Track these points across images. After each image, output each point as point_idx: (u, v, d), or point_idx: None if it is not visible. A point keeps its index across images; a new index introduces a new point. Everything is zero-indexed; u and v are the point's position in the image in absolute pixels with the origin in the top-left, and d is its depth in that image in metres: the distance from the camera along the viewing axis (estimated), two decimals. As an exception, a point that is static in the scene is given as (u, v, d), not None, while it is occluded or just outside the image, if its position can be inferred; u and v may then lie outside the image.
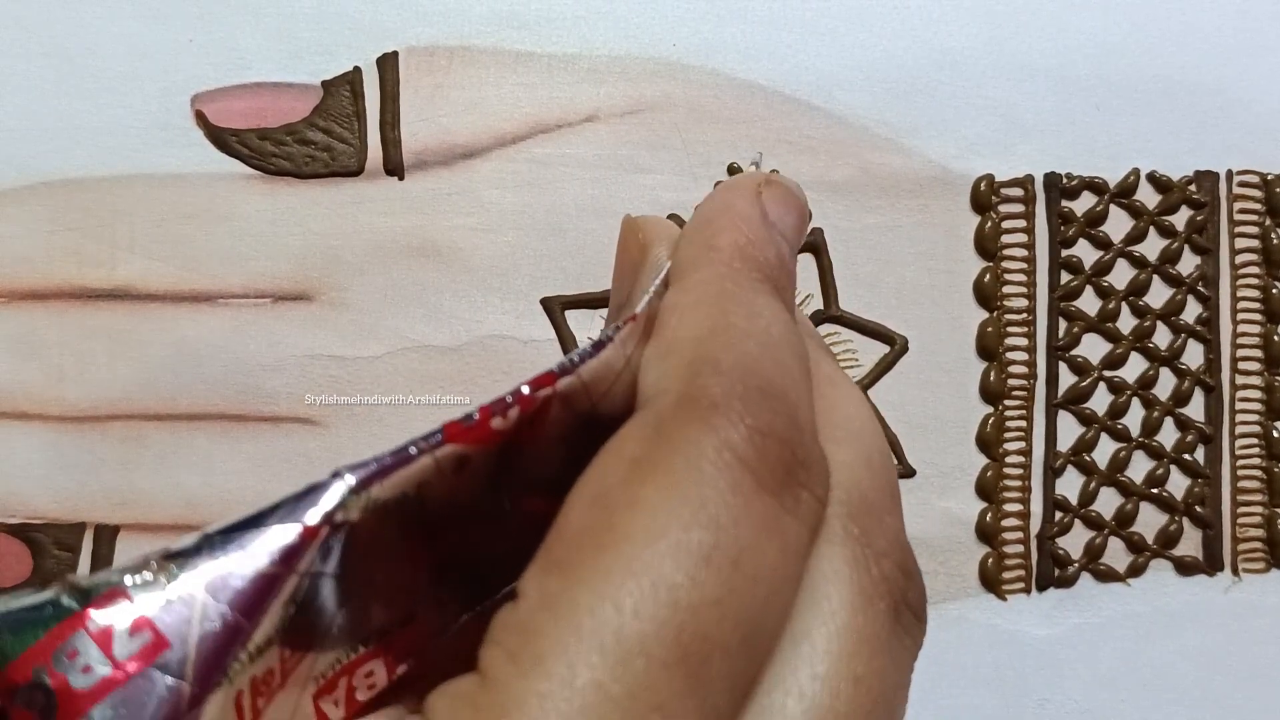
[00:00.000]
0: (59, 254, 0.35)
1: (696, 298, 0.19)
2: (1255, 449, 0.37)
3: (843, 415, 0.20)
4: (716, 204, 0.22)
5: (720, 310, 0.19)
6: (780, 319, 0.19)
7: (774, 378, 0.17)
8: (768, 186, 0.22)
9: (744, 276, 0.20)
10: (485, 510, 0.17)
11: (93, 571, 0.35)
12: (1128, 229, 0.37)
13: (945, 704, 0.35)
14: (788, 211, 0.23)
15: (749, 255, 0.20)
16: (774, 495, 0.16)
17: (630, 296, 0.22)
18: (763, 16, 0.36)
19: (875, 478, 0.19)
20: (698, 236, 0.21)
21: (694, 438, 0.16)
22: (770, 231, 0.21)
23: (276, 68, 0.36)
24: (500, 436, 0.16)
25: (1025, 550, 0.36)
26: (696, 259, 0.20)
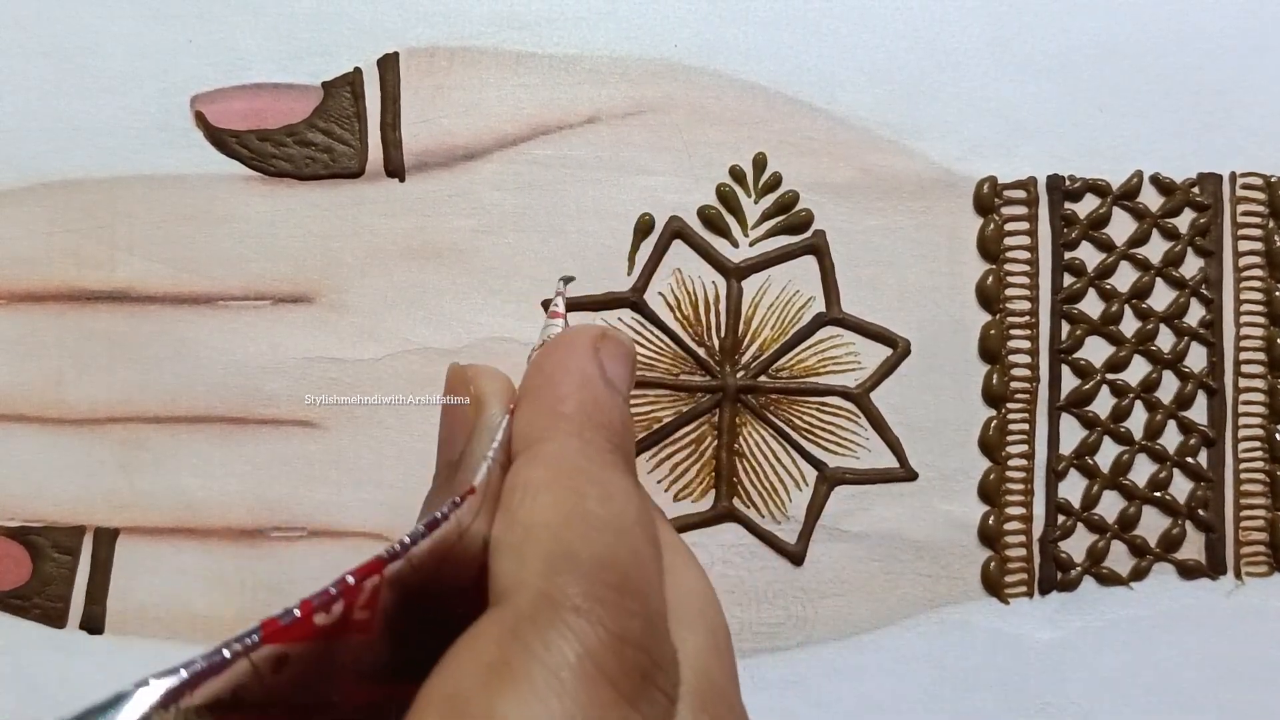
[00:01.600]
0: (58, 255, 0.35)
1: (549, 475, 0.19)
2: (1258, 452, 0.36)
3: (686, 591, 0.20)
4: (555, 363, 0.22)
5: (575, 493, 0.18)
6: (632, 499, 0.19)
7: (630, 572, 0.17)
8: (603, 343, 0.22)
9: (594, 450, 0.19)
10: (309, 705, 0.16)
11: (92, 575, 0.35)
12: (1130, 231, 0.37)
13: (947, 707, 0.35)
14: (622, 365, 0.22)
15: (597, 423, 0.20)
16: (631, 705, 0.16)
17: (464, 457, 0.21)
18: (764, 17, 0.36)
19: (721, 661, 0.19)
20: (542, 401, 0.21)
21: (554, 644, 0.15)
22: (611, 393, 0.21)
23: (276, 68, 0.36)
24: (323, 632, 0.16)
25: (1027, 553, 0.36)
26: (544, 429, 0.20)
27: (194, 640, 0.35)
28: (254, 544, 0.35)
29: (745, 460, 0.36)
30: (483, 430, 0.21)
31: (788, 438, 0.36)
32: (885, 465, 0.36)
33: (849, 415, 0.36)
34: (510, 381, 0.23)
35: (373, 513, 0.35)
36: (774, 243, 0.36)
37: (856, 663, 0.35)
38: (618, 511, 0.18)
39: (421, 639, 0.17)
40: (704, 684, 0.18)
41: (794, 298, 0.36)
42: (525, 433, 0.20)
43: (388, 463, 0.35)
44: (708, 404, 0.36)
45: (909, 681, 0.35)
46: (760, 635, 0.35)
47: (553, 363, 0.22)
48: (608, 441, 0.20)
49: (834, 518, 0.36)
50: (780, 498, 0.36)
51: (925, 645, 0.35)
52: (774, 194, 0.36)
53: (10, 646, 0.35)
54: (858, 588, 0.35)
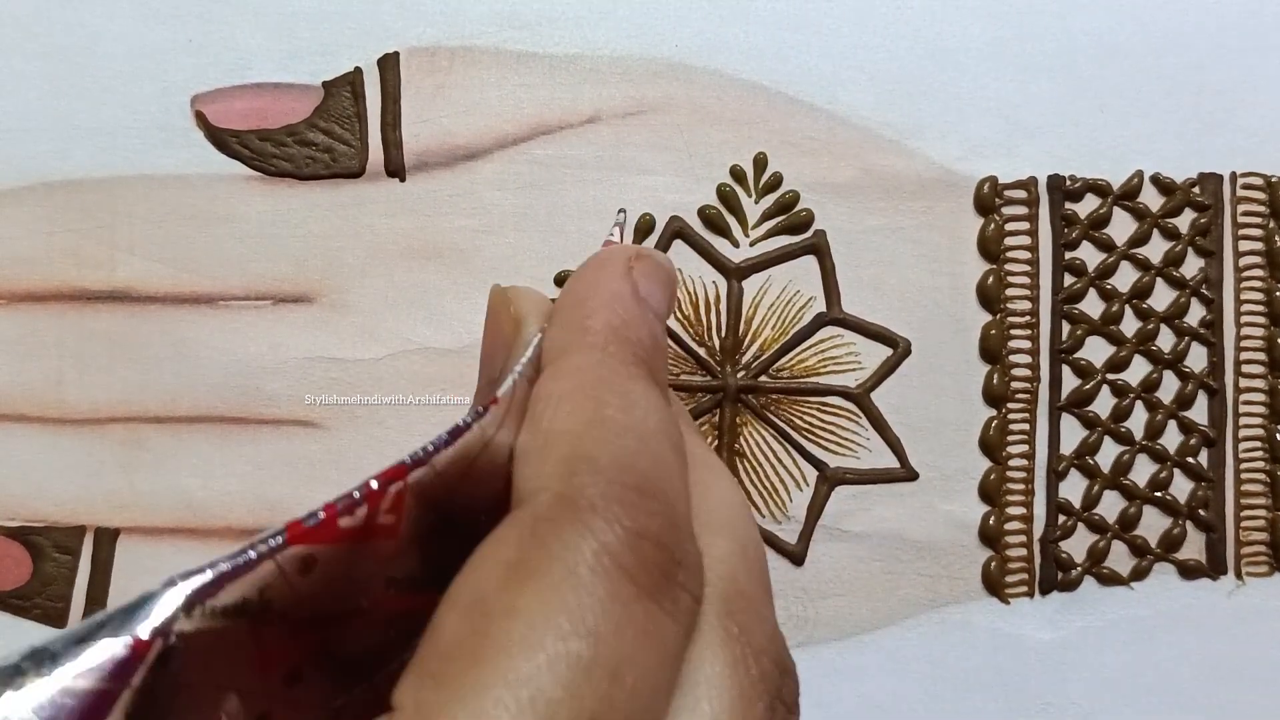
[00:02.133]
0: (58, 255, 0.35)
1: (571, 386, 0.19)
2: (1259, 452, 0.36)
3: (716, 501, 0.19)
4: (587, 281, 0.22)
5: (596, 401, 0.18)
6: (656, 408, 0.19)
7: (651, 474, 0.17)
8: (638, 261, 0.22)
9: (619, 362, 0.19)
10: (338, 610, 0.16)
11: (93, 575, 0.35)
12: (1131, 231, 0.36)
13: (948, 707, 0.35)
14: (658, 286, 0.22)
15: (623, 337, 0.20)
16: (652, 599, 0.16)
17: (502, 374, 0.21)
18: (765, 17, 0.36)
19: (750, 569, 0.19)
20: (570, 317, 0.21)
21: (571, 542, 0.15)
22: (642, 310, 0.21)
23: (277, 68, 0.36)
24: (349, 535, 0.16)
25: (1028, 554, 0.36)
26: (569, 342, 0.20)
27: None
28: (254, 544, 0.35)
29: (746, 460, 0.36)
30: (520, 347, 0.21)
31: (788, 438, 0.36)
32: (886, 465, 0.36)
33: (850, 415, 0.36)
34: (549, 301, 0.23)
35: (373, 513, 0.35)
36: (774, 243, 0.36)
37: (857, 663, 0.35)
38: (639, 418, 0.18)
39: (449, 548, 0.17)
40: (731, 589, 0.18)
41: (794, 298, 0.36)
42: (552, 347, 0.20)
43: (388, 462, 0.35)
44: (708, 404, 0.36)
45: (909, 681, 0.35)
46: (761, 635, 0.35)
47: (584, 281, 0.22)
48: (633, 354, 0.20)
49: (834, 518, 0.36)
50: (781, 497, 0.36)
51: (926, 645, 0.35)
52: (774, 194, 0.36)
53: (10, 647, 0.35)
54: (858, 588, 0.35)
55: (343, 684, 0.17)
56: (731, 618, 0.17)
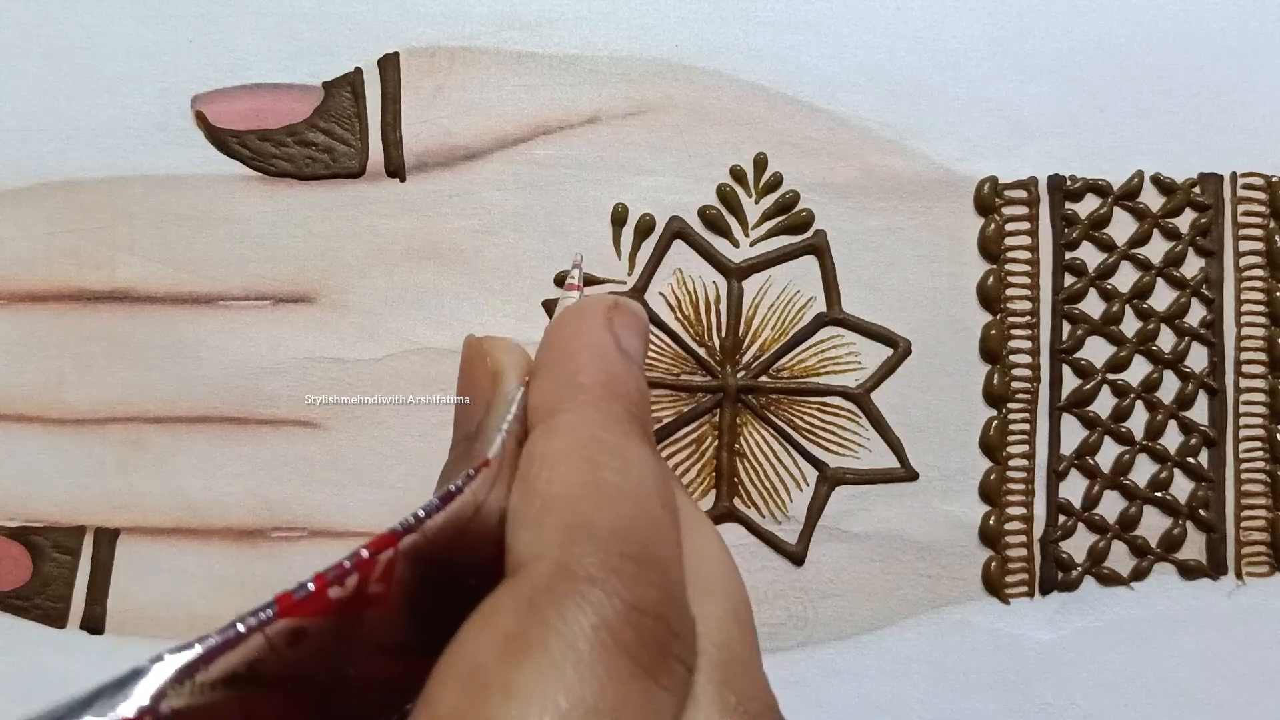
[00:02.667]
0: (58, 256, 0.35)
1: (565, 445, 0.18)
2: (1259, 452, 0.36)
3: (707, 562, 0.19)
4: (570, 334, 0.21)
5: (592, 463, 0.18)
6: (651, 468, 0.19)
7: (647, 541, 0.17)
8: (616, 313, 0.22)
9: (612, 420, 0.19)
10: (326, 678, 0.16)
11: (92, 575, 0.35)
12: (1131, 231, 0.36)
13: (947, 708, 0.35)
14: (636, 337, 0.22)
15: (614, 392, 0.20)
16: (649, 676, 0.16)
17: (480, 430, 0.21)
18: (765, 18, 0.36)
19: (743, 631, 0.19)
20: (558, 372, 0.20)
21: (570, 616, 0.15)
22: (628, 363, 0.21)
23: (277, 68, 0.36)
24: (338, 606, 0.16)
25: (1028, 554, 0.36)
26: (560, 399, 0.20)
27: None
28: (254, 544, 0.35)
29: (746, 460, 0.36)
30: (500, 402, 0.21)
31: (788, 438, 0.36)
32: (886, 465, 0.36)
33: (850, 415, 0.36)
34: (527, 353, 0.23)
35: (373, 513, 0.35)
36: (775, 243, 0.36)
37: (857, 663, 0.35)
38: (636, 481, 0.18)
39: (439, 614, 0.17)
40: (724, 655, 0.18)
41: (795, 298, 0.36)
42: (541, 404, 0.20)
43: (388, 463, 0.35)
44: (708, 404, 0.36)
45: (909, 682, 0.35)
46: (760, 635, 0.35)
47: (567, 334, 0.22)
48: (625, 411, 0.20)
49: (835, 518, 0.36)
50: (781, 498, 0.36)
51: (926, 645, 0.35)
52: (775, 194, 0.36)
53: (10, 646, 0.35)
54: (858, 588, 0.35)
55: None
56: (729, 686, 0.17)
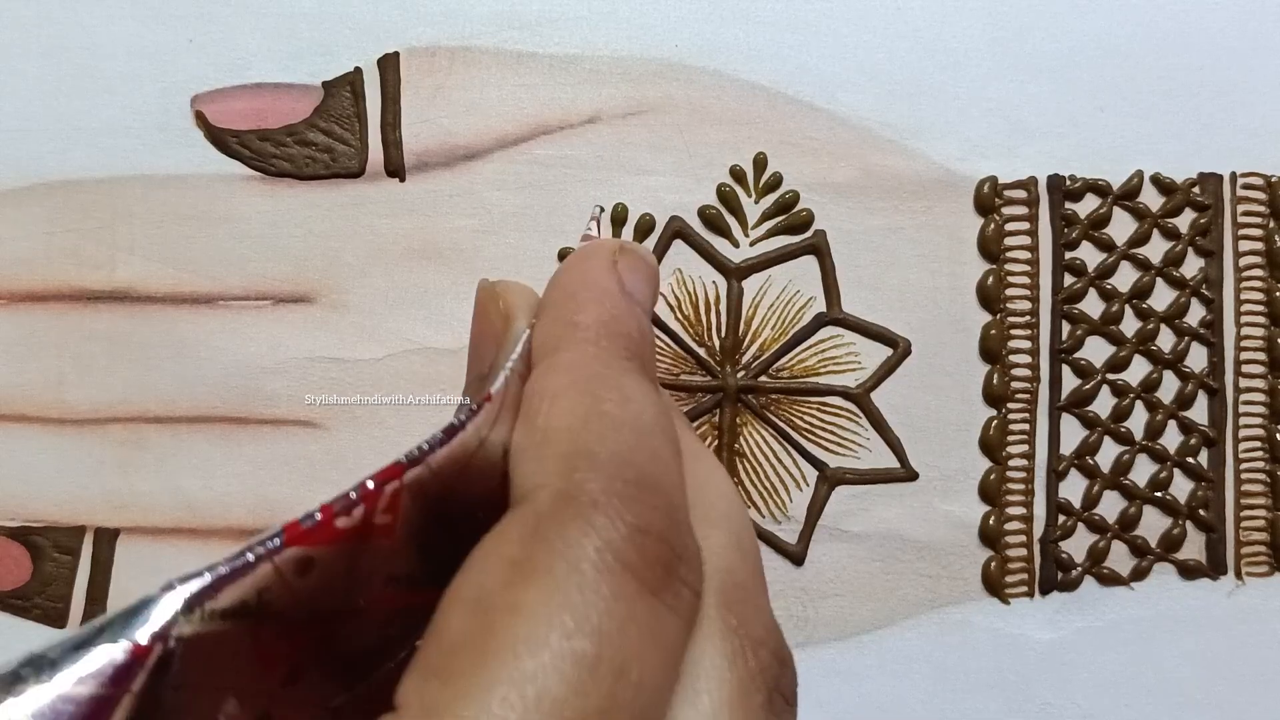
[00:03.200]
0: (58, 256, 0.35)
1: (566, 381, 0.19)
2: (1259, 452, 0.36)
3: (711, 494, 0.20)
4: (574, 276, 0.22)
5: (592, 396, 0.18)
6: (650, 401, 0.19)
7: (649, 468, 0.17)
8: (622, 255, 0.22)
9: (612, 356, 0.20)
10: (337, 609, 0.16)
11: (92, 575, 0.35)
12: (1131, 231, 0.36)
13: (947, 708, 0.35)
14: (643, 280, 0.22)
15: (614, 331, 0.20)
16: (655, 595, 0.16)
17: (493, 369, 0.21)
18: (765, 18, 0.36)
19: (746, 560, 0.19)
20: (560, 312, 0.21)
21: (574, 539, 0.15)
22: (630, 304, 0.21)
23: (277, 68, 0.36)
24: (346, 535, 0.16)
25: (1028, 554, 0.36)
26: (561, 337, 0.20)
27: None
28: (254, 544, 0.35)
29: (746, 460, 0.36)
30: (510, 342, 0.21)
31: (788, 438, 0.36)
32: (886, 465, 0.36)
33: (849, 415, 0.36)
34: (537, 296, 0.23)
35: (373, 513, 0.35)
36: (774, 243, 0.36)
37: (857, 663, 0.35)
38: (635, 413, 0.18)
39: (447, 547, 0.17)
40: (728, 581, 0.18)
41: (794, 298, 0.36)
42: (543, 343, 0.20)
43: (386, 461, 0.35)
44: (708, 404, 0.36)
45: (909, 682, 0.35)
46: (761, 635, 0.35)
47: (571, 275, 0.22)
48: (624, 349, 0.20)
49: (835, 518, 0.36)
50: (781, 498, 0.36)
51: (926, 645, 0.35)
52: (774, 194, 0.36)
53: (10, 647, 0.35)
54: (858, 588, 0.35)
55: (342, 682, 0.17)
56: (730, 610, 0.17)
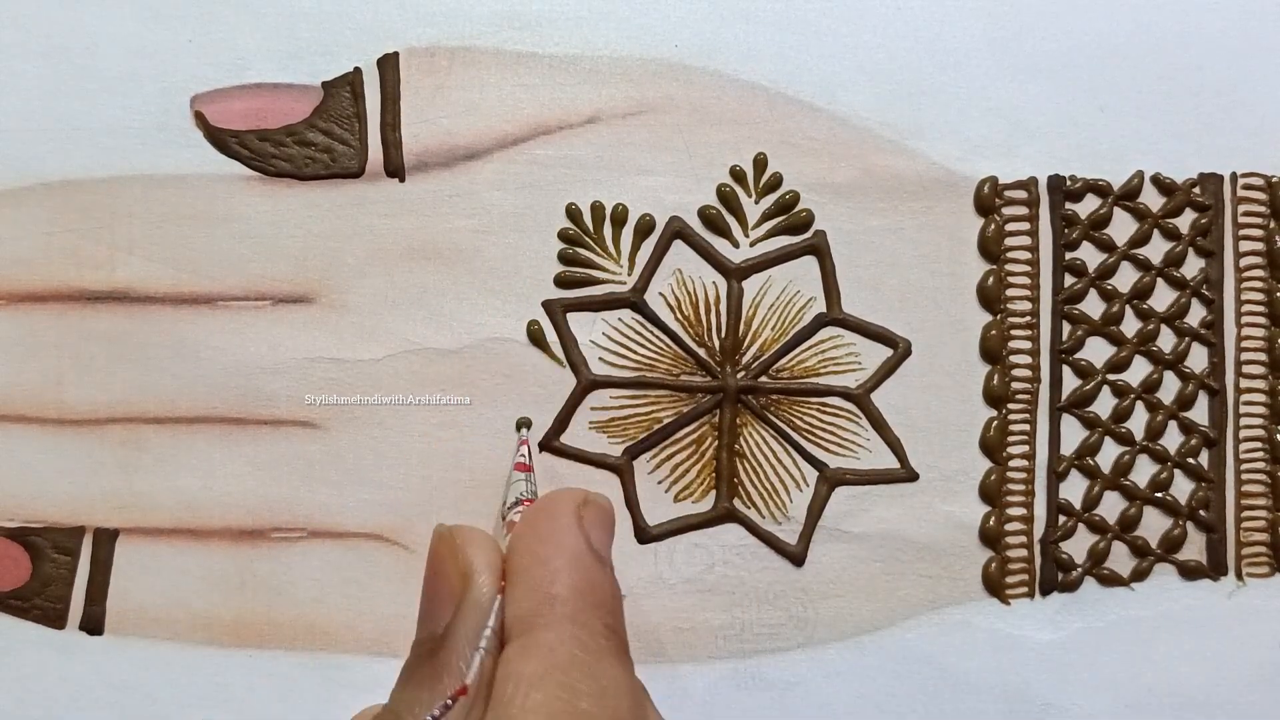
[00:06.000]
0: (57, 256, 0.35)
1: (542, 668, 0.18)
2: (1259, 453, 0.36)
3: None
4: (542, 536, 0.21)
5: (569, 690, 0.18)
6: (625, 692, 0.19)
7: None
8: (586, 510, 0.22)
9: (589, 635, 0.19)
10: None
11: (92, 575, 0.35)
12: (1131, 232, 0.36)
13: (948, 709, 0.35)
14: (606, 534, 0.22)
15: (591, 603, 0.20)
16: None
17: (449, 632, 0.21)
18: (765, 18, 0.36)
19: None
20: (532, 581, 0.20)
21: None
22: (601, 566, 0.21)
23: (276, 68, 0.36)
24: None
25: (1028, 554, 0.36)
26: (536, 613, 0.20)
27: (193, 641, 0.35)
28: (254, 544, 0.35)
29: (746, 461, 0.36)
30: (470, 606, 0.21)
31: (788, 438, 0.36)
32: (886, 466, 0.36)
33: (850, 416, 0.36)
34: (499, 550, 0.22)
35: (373, 513, 0.35)
36: (774, 243, 0.36)
37: (857, 664, 0.35)
38: (611, 711, 0.18)
39: None
40: None
41: (795, 298, 0.36)
42: (517, 617, 0.20)
43: (388, 463, 0.35)
44: (708, 404, 0.36)
45: (910, 682, 0.35)
46: (761, 636, 0.35)
47: (538, 536, 0.21)
48: (602, 624, 0.20)
49: (835, 518, 0.36)
50: (781, 498, 0.36)
51: (926, 646, 0.35)
52: (774, 194, 0.36)
53: (10, 647, 0.35)
54: (858, 588, 0.35)
55: None
56: None
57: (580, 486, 0.29)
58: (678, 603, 0.35)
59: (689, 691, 0.35)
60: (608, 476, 0.35)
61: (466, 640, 0.20)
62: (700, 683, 0.35)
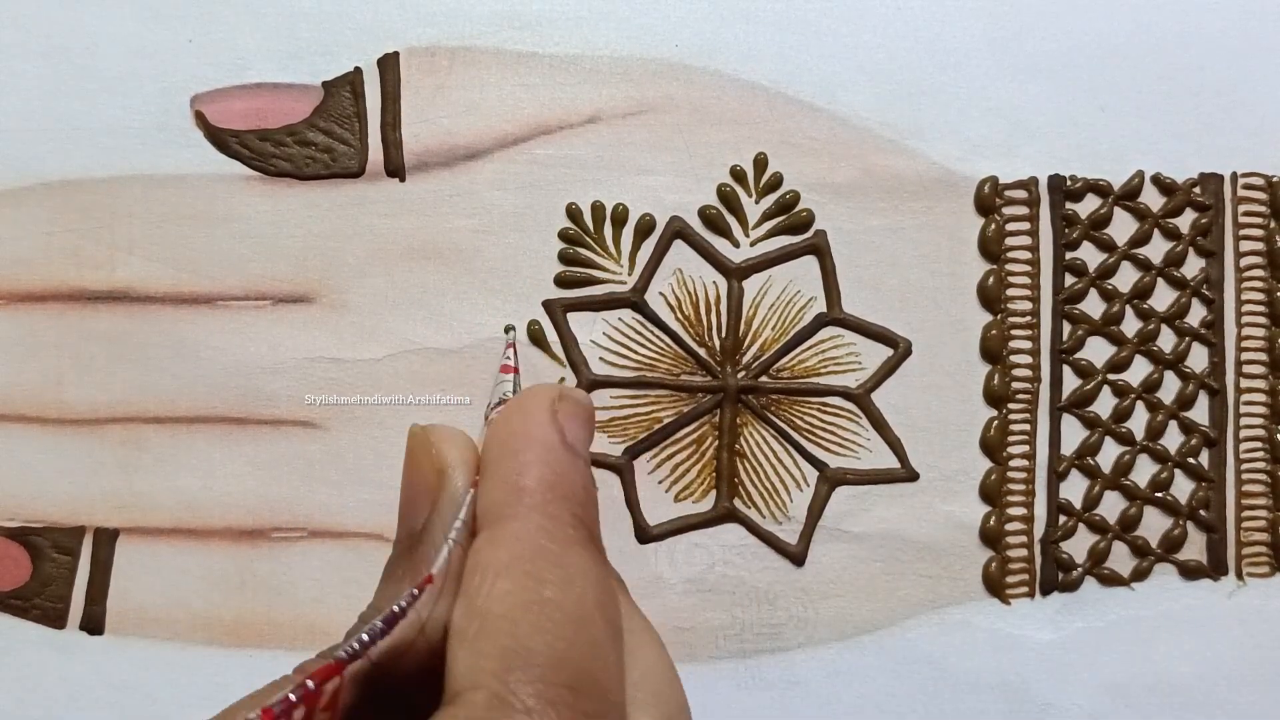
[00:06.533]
0: (58, 256, 0.35)
1: (509, 556, 0.18)
2: (1260, 453, 0.36)
3: (645, 670, 0.20)
4: (515, 431, 0.21)
5: (535, 579, 0.18)
6: (594, 580, 0.19)
7: (587, 666, 0.17)
8: (561, 404, 0.22)
9: (558, 525, 0.19)
10: None
11: (92, 575, 0.35)
12: (1132, 232, 0.36)
13: (948, 709, 0.35)
14: (582, 428, 0.22)
15: (560, 494, 0.20)
16: None
17: (426, 528, 0.21)
18: (765, 17, 0.36)
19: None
20: (503, 473, 0.20)
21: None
22: (573, 458, 0.21)
23: (276, 68, 0.36)
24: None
25: (1029, 554, 0.36)
26: (505, 504, 0.20)
27: (193, 641, 0.35)
28: (254, 544, 0.35)
29: (746, 461, 0.36)
30: (446, 501, 0.21)
31: (789, 438, 0.36)
32: (886, 466, 0.36)
33: (850, 416, 0.36)
34: (475, 447, 0.22)
35: (373, 513, 0.35)
36: (775, 243, 0.36)
37: (858, 663, 0.35)
38: (577, 597, 0.18)
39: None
40: None
41: (795, 298, 0.36)
42: (486, 508, 0.20)
43: (388, 463, 0.35)
44: (709, 404, 0.36)
45: (910, 682, 0.35)
46: (761, 636, 0.35)
47: (510, 430, 0.21)
48: (570, 514, 0.20)
49: (835, 518, 0.36)
50: (781, 498, 0.36)
51: (926, 646, 0.35)
52: (775, 194, 0.36)
53: (10, 647, 0.35)
54: (859, 588, 0.35)
55: None
56: None
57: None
58: (678, 603, 0.35)
59: (689, 691, 0.35)
60: (608, 476, 0.35)
61: (442, 533, 0.20)
62: (700, 683, 0.35)
